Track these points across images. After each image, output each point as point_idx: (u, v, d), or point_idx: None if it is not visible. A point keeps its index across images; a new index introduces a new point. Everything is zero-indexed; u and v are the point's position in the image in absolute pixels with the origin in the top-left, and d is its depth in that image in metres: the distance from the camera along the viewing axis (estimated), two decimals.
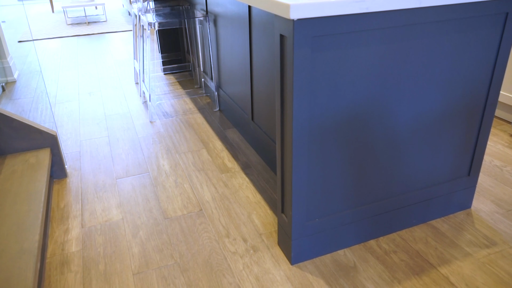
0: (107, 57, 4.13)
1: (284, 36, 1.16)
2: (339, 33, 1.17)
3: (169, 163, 2.16)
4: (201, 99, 2.99)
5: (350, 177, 1.42)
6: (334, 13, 1.10)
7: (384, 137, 1.40)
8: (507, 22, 1.39)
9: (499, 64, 1.46)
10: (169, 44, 3.54)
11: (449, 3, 1.23)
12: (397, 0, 1.15)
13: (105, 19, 5.97)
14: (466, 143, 1.58)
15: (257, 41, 1.94)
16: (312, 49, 1.15)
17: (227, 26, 2.32)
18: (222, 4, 2.33)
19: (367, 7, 1.13)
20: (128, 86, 3.28)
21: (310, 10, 1.07)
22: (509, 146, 2.22)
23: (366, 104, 1.32)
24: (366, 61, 1.24)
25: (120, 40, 4.81)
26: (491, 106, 1.53)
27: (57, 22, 6.00)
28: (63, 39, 4.97)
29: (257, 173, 2.04)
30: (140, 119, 2.69)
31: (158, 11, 2.87)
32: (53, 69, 3.82)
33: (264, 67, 1.91)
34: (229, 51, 2.38)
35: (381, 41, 1.23)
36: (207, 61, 2.87)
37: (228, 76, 2.49)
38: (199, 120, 2.65)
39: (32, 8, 7.41)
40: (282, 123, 1.30)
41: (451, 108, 1.47)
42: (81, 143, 2.40)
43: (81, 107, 2.92)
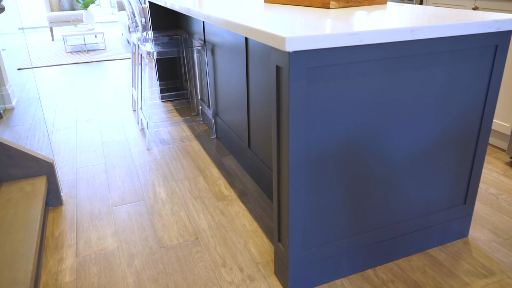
0: (105, 85, 4.18)
1: (280, 67, 1.19)
2: (333, 64, 1.19)
3: (166, 190, 2.15)
4: (198, 126, 3.01)
5: (347, 206, 1.42)
6: (329, 45, 1.13)
7: (379, 166, 1.41)
8: (497, 53, 1.43)
9: (491, 93, 1.49)
10: (167, 72, 3.59)
11: (440, 36, 1.27)
12: (389, 33, 1.19)
13: (104, 47, 6.06)
14: (461, 171, 1.59)
15: (254, 70, 1.97)
16: (307, 80, 1.18)
17: (225, 55, 2.36)
18: (220, 34, 2.38)
19: (361, 39, 1.16)
20: (126, 114, 3.31)
21: (305, 43, 1.10)
22: (504, 174, 2.23)
23: (362, 133, 1.33)
24: (360, 91, 1.27)
25: (118, 68, 4.87)
26: (484, 135, 1.55)
27: (57, 50, 6.08)
28: (62, 67, 5.03)
29: (253, 201, 2.03)
30: (137, 146, 2.69)
31: (157, 40, 2.92)
32: (51, 96, 3.85)
33: (261, 95, 1.94)
34: (226, 79, 2.42)
35: (375, 72, 1.26)
36: (205, 89, 2.91)
37: (225, 104, 2.52)
38: (196, 147, 2.66)
39: (32, 36, 7.53)
40: (279, 152, 1.31)
41: (446, 136, 1.49)
42: (77, 170, 2.40)
43: (79, 134, 2.92)
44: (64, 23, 6.93)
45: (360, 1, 1.79)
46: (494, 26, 1.34)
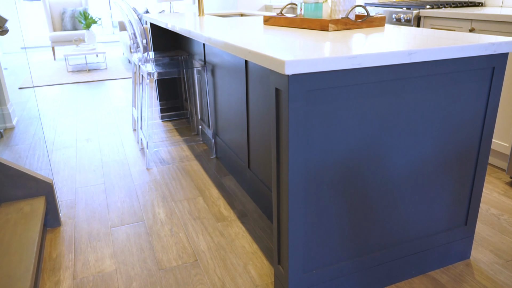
0: (106, 104, 4.20)
1: (280, 89, 1.20)
2: (332, 87, 1.20)
3: (165, 211, 2.14)
4: (198, 146, 3.01)
5: (347, 227, 1.41)
6: (328, 68, 1.14)
7: (379, 187, 1.41)
8: (494, 75, 1.45)
9: (489, 114, 1.50)
10: (167, 92, 3.61)
11: (437, 59, 1.28)
12: (387, 57, 1.20)
13: (106, 66, 6.11)
14: (462, 192, 1.58)
15: (254, 90, 1.99)
16: (306, 102, 1.19)
17: (224, 75, 2.38)
18: (220, 55, 2.40)
19: (359, 63, 1.17)
20: (126, 133, 3.32)
21: (305, 66, 1.11)
22: (505, 194, 2.22)
23: (361, 155, 1.33)
24: (359, 113, 1.28)
25: (119, 87, 4.91)
26: (484, 155, 1.56)
27: (58, 69, 6.13)
28: (63, 86, 5.06)
29: (253, 222, 2.02)
30: (137, 166, 2.69)
31: (158, 61, 2.95)
32: (52, 115, 3.86)
33: (261, 115, 1.95)
34: (226, 99, 2.43)
35: (373, 94, 1.27)
36: (205, 109, 2.92)
37: (225, 123, 2.53)
38: (195, 167, 2.65)
39: (34, 55, 7.60)
40: (278, 174, 1.31)
41: (445, 157, 1.49)
42: (76, 190, 2.39)
43: (78, 153, 2.93)
44: (66, 43, 7.01)
45: (358, 24, 1.82)
46: (491, 49, 1.36)
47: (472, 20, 2.51)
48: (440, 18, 2.73)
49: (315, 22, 1.79)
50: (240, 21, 2.34)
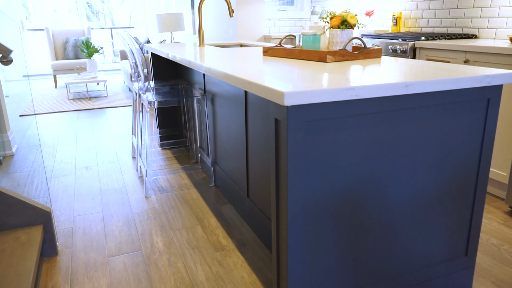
0: (106, 132, 4.22)
1: (279, 120, 1.22)
2: (331, 118, 1.22)
3: (163, 240, 2.12)
4: (197, 174, 3.01)
5: (347, 258, 1.40)
6: (326, 100, 1.16)
7: (379, 218, 1.41)
8: (490, 107, 1.47)
9: (486, 144, 1.52)
10: (167, 120, 3.64)
11: (433, 91, 1.31)
12: (384, 88, 1.23)
13: (106, 94, 6.18)
14: (461, 222, 1.58)
15: (253, 119, 2.01)
16: (305, 133, 1.20)
17: (224, 104, 2.41)
18: (220, 85, 2.44)
19: (357, 94, 1.20)
20: (125, 161, 3.32)
21: (304, 98, 1.13)
22: (505, 223, 2.22)
23: (360, 185, 1.34)
24: (358, 143, 1.29)
25: (119, 115, 4.94)
26: (482, 184, 1.56)
27: (59, 97, 6.19)
28: (64, 114, 5.10)
29: (252, 251, 2.00)
30: (135, 194, 2.68)
31: (158, 90, 2.99)
32: (51, 143, 3.88)
33: (260, 144, 1.97)
34: (225, 128, 2.45)
35: (371, 124, 1.29)
36: (204, 137, 2.94)
37: (224, 152, 2.54)
38: (194, 195, 2.65)
39: (36, 83, 7.69)
40: (277, 204, 1.31)
41: (444, 187, 1.50)
42: (74, 219, 2.37)
43: (77, 181, 2.92)
44: (68, 71, 7.10)
45: (356, 55, 1.86)
46: (485, 81, 1.39)
47: (466, 52, 2.57)
48: (435, 50, 2.79)
49: (313, 53, 1.83)
50: (240, 52, 2.39)
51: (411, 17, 3.73)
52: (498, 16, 2.94)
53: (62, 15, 8.96)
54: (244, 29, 4.63)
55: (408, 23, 3.78)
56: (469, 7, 3.16)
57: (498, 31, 2.96)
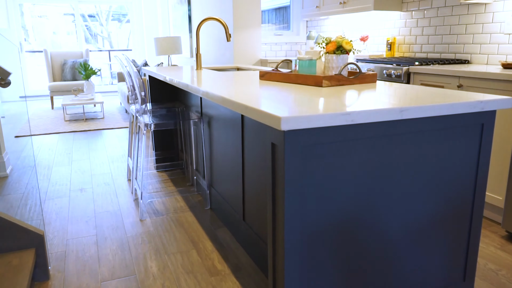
0: (101, 154, 4.21)
1: (275, 144, 1.22)
2: (327, 142, 1.23)
3: (158, 264, 2.09)
4: (192, 197, 3.00)
5: (344, 284, 1.38)
6: (323, 124, 1.17)
7: (375, 243, 1.40)
8: (484, 132, 1.49)
9: (481, 169, 1.52)
10: (163, 142, 3.65)
11: (428, 116, 1.32)
12: (380, 114, 1.24)
13: (103, 116, 6.19)
14: (458, 247, 1.57)
15: (249, 142, 2.01)
16: (302, 157, 1.21)
17: (221, 127, 2.42)
18: (216, 108, 2.46)
19: (353, 119, 1.21)
20: (121, 183, 3.30)
21: (300, 122, 1.14)
22: (502, 248, 2.21)
23: (357, 210, 1.34)
24: (354, 168, 1.29)
25: (115, 137, 4.94)
26: (478, 209, 1.56)
27: (56, 118, 6.20)
28: (60, 135, 5.09)
29: (248, 276, 1.97)
30: (130, 217, 2.66)
31: (155, 112, 3.00)
32: (46, 164, 3.85)
33: (256, 168, 1.97)
34: (221, 151, 2.45)
35: (367, 149, 1.30)
36: (200, 160, 2.94)
37: (220, 175, 2.53)
38: (190, 218, 2.63)
39: (32, 104, 7.70)
40: (274, 228, 1.31)
41: (440, 212, 1.49)
42: (67, 242, 2.34)
43: (71, 204, 2.89)
44: (65, 93, 7.13)
45: (351, 80, 1.88)
46: (479, 106, 1.41)
47: (460, 77, 2.61)
48: (429, 75, 2.83)
49: (310, 78, 1.86)
50: (237, 76, 2.42)
51: (405, 42, 3.80)
52: (490, 42, 3.01)
53: (61, 37, 9.05)
54: (241, 53, 4.69)
55: (402, 48, 3.85)
56: (461, 33, 3.23)
57: (490, 57, 3.02)
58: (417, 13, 3.64)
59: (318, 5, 4.51)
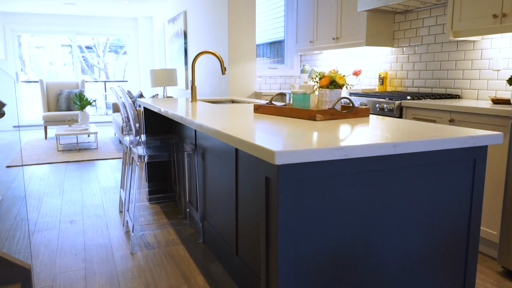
0: (93, 184, 4.17)
1: (269, 178, 1.22)
2: (321, 176, 1.23)
3: None
4: (185, 229, 2.95)
5: None
6: (316, 159, 1.17)
7: (370, 277, 1.37)
8: (476, 166, 1.50)
9: (475, 204, 1.52)
10: (157, 174, 3.62)
11: (421, 151, 1.33)
12: (373, 148, 1.25)
13: (96, 146, 6.17)
14: (455, 282, 1.55)
15: (243, 175, 2.01)
16: (296, 191, 1.20)
17: (214, 159, 2.41)
18: (211, 140, 2.46)
19: (347, 154, 1.21)
20: (112, 215, 3.25)
21: (294, 157, 1.14)
22: (498, 284, 2.17)
23: (351, 244, 1.32)
24: (348, 202, 1.29)
25: (108, 168, 4.91)
26: (473, 244, 1.55)
27: (49, 148, 6.16)
28: (52, 165, 5.05)
29: None
30: (120, 250, 2.60)
31: (149, 144, 3.00)
32: (37, 195, 3.80)
33: (250, 201, 1.95)
34: (215, 183, 2.44)
35: (361, 183, 1.30)
36: (193, 192, 2.91)
37: (213, 207, 2.51)
38: (181, 252, 2.57)
39: (26, 134, 7.68)
40: (267, 262, 1.28)
41: (435, 247, 1.48)
42: (55, 276, 2.27)
43: (61, 236, 2.83)
44: (59, 123, 7.13)
45: (344, 114, 1.90)
46: (470, 142, 1.42)
47: (451, 112, 2.65)
48: (421, 109, 2.88)
49: (303, 112, 1.88)
50: (231, 109, 2.44)
51: (397, 77, 3.88)
52: (479, 78, 3.08)
53: (57, 68, 9.15)
54: (235, 86, 4.76)
55: (394, 83, 3.92)
56: (451, 69, 3.31)
57: (480, 92, 3.08)
58: (408, 49, 3.74)
59: (311, 40, 4.62)
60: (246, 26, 4.70)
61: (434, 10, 3.43)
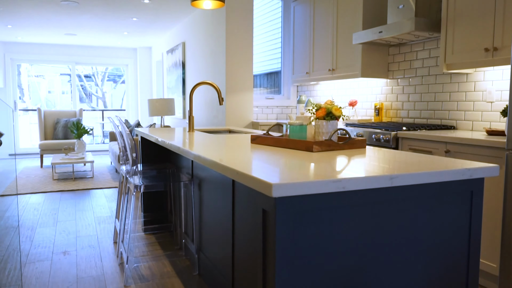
0: (88, 214, 4.11)
1: (266, 211, 1.21)
2: (319, 209, 1.22)
3: None
4: (180, 261, 2.90)
5: None
6: (314, 191, 1.17)
7: None
8: (473, 199, 1.50)
9: (473, 236, 1.51)
10: (152, 204, 3.59)
11: (418, 183, 1.33)
12: (370, 181, 1.25)
13: (92, 175, 6.14)
14: None
15: (240, 206, 1.99)
16: (293, 223, 1.19)
17: (211, 190, 2.40)
18: (207, 170, 2.45)
19: (344, 186, 1.21)
20: (106, 246, 3.20)
21: (291, 189, 1.14)
22: None
23: (348, 277, 1.30)
24: (345, 235, 1.28)
25: (104, 197, 4.86)
26: (473, 277, 1.53)
27: (44, 177, 6.12)
28: (47, 194, 5.00)
29: None
30: (114, 283, 2.54)
31: (145, 173, 2.99)
32: (30, 225, 3.74)
33: (247, 233, 1.93)
34: (211, 214, 2.42)
35: (358, 216, 1.29)
36: (189, 223, 2.88)
37: (209, 239, 2.47)
38: (176, 285, 2.52)
39: (22, 162, 7.64)
40: None
41: (434, 279, 1.46)
42: None
43: (53, 267, 2.77)
44: (56, 151, 7.11)
45: (341, 145, 1.91)
46: (467, 174, 1.42)
47: (447, 143, 2.67)
48: (417, 140, 2.90)
49: (300, 143, 1.88)
50: (228, 139, 2.44)
51: (392, 108, 3.92)
52: (474, 110, 3.12)
53: (56, 96, 9.21)
54: (233, 115, 4.79)
55: (389, 114, 3.96)
56: (445, 100, 3.36)
57: (475, 123, 3.11)
58: (402, 81, 3.80)
59: (308, 71, 4.70)
60: (243, 57, 4.79)
61: (427, 43, 3.51)
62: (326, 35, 4.35)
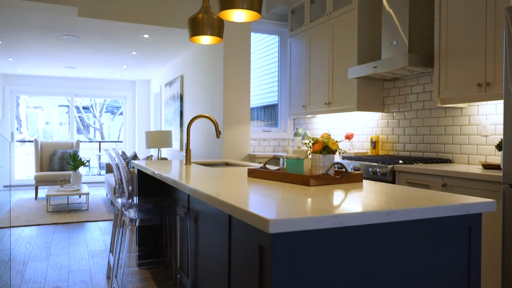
0: (82, 248, 4.04)
1: (263, 247, 1.20)
2: (316, 245, 1.21)
3: None
4: None
5: None
6: (311, 227, 1.16)
7: None
8: (472, 234, 1.48)
9: (473, 272, 1.49)
10: (147, 237, 3.54)
11: (416, 218, 1.33)
12: (368, 216, 1.24)
13: (87, 207, 6.07)
14: None
15: (236, 242, 1.96)
16: (290, 259, 1.17)
17: (208, 224, 2.37)
18: (204, 204, 2.44)
19: (341, 222, 1.20)
20: (99, 281, 3.12)
21: (288, 225, 1.13)
22: None
23: None
24: (343, 270, 1.26)
25: (98, 230, 4.79)
26: None
27: (38, 209, 6.05)
28: (40, 227, 4.92)
29: None
30: None
31: (141, 206, 2.96)
32: (22, 259, 3.66)
33: (243, 268, 1.89)
34: (207, 249, 2.38)
35: (356, 251, 1.27)
36: (185, 257, 2.83)
37: (205, 274, 2.42)
38: None
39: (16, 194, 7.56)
40: None
41: None
42: None
43: None
44: (51, 183, 7.06)
45: (338, 179, 1.91)
46: (464, 209, 1.42)
47: (443, 176, 2.67)
48: (414, 173, 2.90)
49: (297, 177, 1.88)
50: (225, 172, 2.44)
51: (388, 141, 3.95)
52: (469, 143, 3.14)
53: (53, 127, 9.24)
54: (230, 148, 4.80)
55: (386, 147, 3.99)
56: (441, 134, 3.39)
57: (471, 157, 3.13)
58: (398, 114, 3.85)
59: (304, 104, 4.75)
60: (241, 90, 4.85)
61: (421, 78, 3.58)
62: (322, 69, 4.43)
